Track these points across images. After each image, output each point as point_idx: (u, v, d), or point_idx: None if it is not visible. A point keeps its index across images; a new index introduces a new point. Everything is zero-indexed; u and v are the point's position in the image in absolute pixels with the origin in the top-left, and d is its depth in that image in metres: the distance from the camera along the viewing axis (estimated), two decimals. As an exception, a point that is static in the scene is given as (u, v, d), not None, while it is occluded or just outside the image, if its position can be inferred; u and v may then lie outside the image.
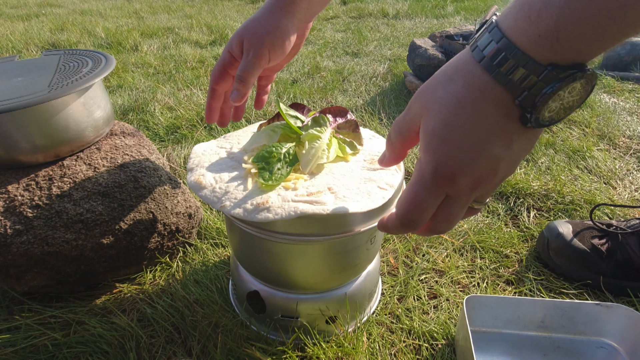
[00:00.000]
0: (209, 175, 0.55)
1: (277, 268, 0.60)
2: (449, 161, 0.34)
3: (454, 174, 0.34)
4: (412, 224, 0.38)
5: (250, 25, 0.56)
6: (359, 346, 0.65)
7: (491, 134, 0.33)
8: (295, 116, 0.62)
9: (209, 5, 3.81)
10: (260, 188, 0.52)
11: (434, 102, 0.35)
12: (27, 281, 0.70)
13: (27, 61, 0.83)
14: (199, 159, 0.60)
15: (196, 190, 0.53)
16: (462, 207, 0.37)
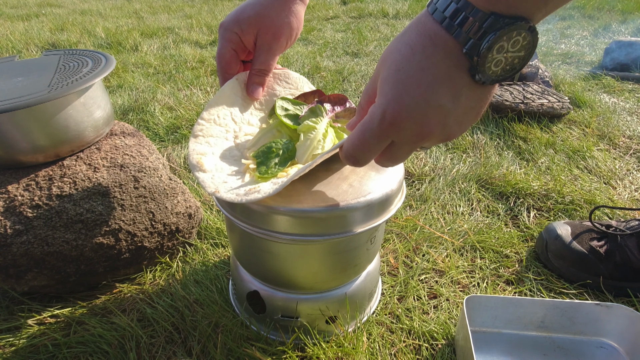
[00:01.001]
0: (211, 160, 0.54)
1: (277, 268, 0.60)
2: (396, 105, 0.34)
3: (401, 120, 0.35)
4: (357, 161, 0.41)
5: (264, 14, 0.54)
6: (359, 346, 0.65)
7: (440, 83, 0.33)
8: (297, 109, 0.61)
9: (209, 5, 3.81)
10: (255, 180, 0.52)
11: (391, 52, 0.36)
12: (27, 281, 0.70)
13: (27, 61, 0.83)
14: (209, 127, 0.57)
15: (194, 169, 0.52)
16: (406, 153, 0.39)
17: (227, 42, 0.56)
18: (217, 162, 0.54)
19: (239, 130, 0.60)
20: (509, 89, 1.51)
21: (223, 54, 0.57)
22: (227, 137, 0.59)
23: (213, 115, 0.59)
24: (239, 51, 0.57)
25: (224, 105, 0.60)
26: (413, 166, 1.17)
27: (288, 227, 0.51)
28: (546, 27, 2.78)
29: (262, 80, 0.56)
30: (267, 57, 0.55)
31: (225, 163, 0.55)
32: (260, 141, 0.60)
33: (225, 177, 0.52)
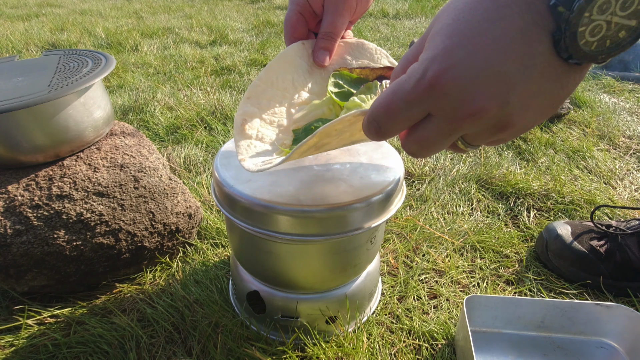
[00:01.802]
0: (256, 125, 0.49)
1: (277, 268, 0.60)
2: (444, 61, 0.26)
3: (445, 81, 0.26)
4: (379, 129, 0.31)
5: None
6: (359, 346, 0.65)
7: (509, 41, 0.25)
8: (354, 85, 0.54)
9: (209, 5, 3.81)
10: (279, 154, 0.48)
11: (450, 3, 0.28)
12: (27, 281, 0.70)
13: (27, 61, 0.83)
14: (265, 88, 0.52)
15: (236, 130, 0.48)
16: (443, 137, 0.29)
17: (295, 4, 0.52)
18: (260, 129, 0.50)
19: (297, 97, 0.54)
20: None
21: (289, 17, 0.53)
22: (282, 102, 0.53)
23: (271, 76, 0.53)
24: (306, 15, 0.53)
25: (286, 67, 0.54)
26: (413, 166, 1.17)
27: (288, 227, 0.51)
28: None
29: (330, 44, 0.51)
30: (335, 18, 0.50)
31: (269, 131, 0.50)
32: (308, 116, 0.53)
33: (261, 147, 0.48)
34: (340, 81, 0.54)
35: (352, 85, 0.53)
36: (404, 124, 0.30)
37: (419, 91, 0.27)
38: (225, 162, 0.58)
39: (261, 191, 0.52)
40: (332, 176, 0.55)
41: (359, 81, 0.54)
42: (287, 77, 0.54)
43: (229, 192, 0.53)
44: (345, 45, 0.57)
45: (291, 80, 0.55)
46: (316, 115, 0.52)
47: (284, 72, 0.54)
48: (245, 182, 0.54)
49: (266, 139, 0.50)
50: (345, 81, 0.54)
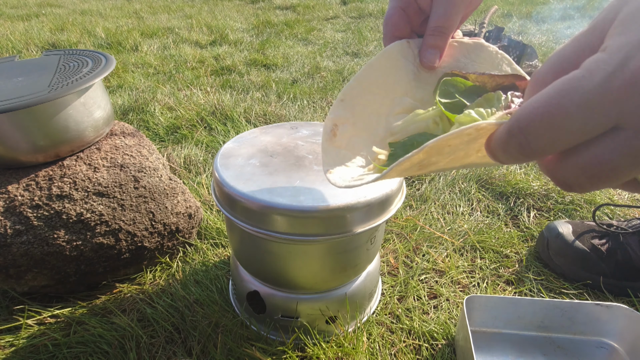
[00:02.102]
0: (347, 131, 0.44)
1: (277, 268, 0.60)
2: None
3: None
4: (525, 146, 0.21)
5: None
6: (359, 346, 0.65)
7: None
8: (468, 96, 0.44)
9: (209, 5, 3.81)
10: (372, 170, 0.42)
11: None
12: (27, 281, 0.70)
13: (27, 61, 0.83)
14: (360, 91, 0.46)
15: (325, 136, 0.43)
16: (630, 163, 0.19)
17: (396, 1, 0.45)
18: (352, 137, 0.44)
19: (398, 103, 0.47)
20: (509, 89, 1.51)
21: (390, 16, 0.45)
22: (380, 108, 0.47)
23: (370, 77, 0.46)
24: (410, 12, 0.45)
25: (387, 68, 0.47)
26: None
27: (288, 228, 0.51)
28: (546, 27, 2.78)
29: (441, 42, 0.43)
30: (447, 9, 0.42)
31: (362, 140, 0.44)
32: (408, 129, 0.45)
33: (351, 158, 0.43)
34: (452, 89, 0.44)
35: (466, 95, 0.44)
36: (569, 139, 0.20)
37: (612, 89, 0.18)
38: (225, 162, 0.58)
39: (261, 191, 0.52)
40: None
41: (475, 90, 0.44)
42: (388, 79, 0.47)
43: (229, 192, 0.53)
44: (458, 45, 0.48)
45: (392, 83, 0.47)
46: (418, 128, 0.44)
47: (385, 74, 0.47)
48: (245, 182, 0.54)
49: (358, 150, 0.44)
50: (457, 90, 0.44)
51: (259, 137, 0.65)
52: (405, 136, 0.44)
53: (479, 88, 0.44)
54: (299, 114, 1.50)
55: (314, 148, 0.61)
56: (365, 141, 0.44)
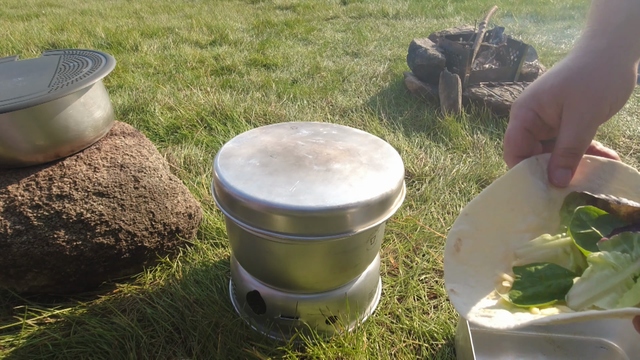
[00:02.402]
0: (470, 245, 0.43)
1: (277, 268, 0.60)
2: None
3: None
4: None
5: (575, 79, 0.40)
6: (359, 346, 0.65)
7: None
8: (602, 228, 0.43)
9: (209, 5, 3.81)
10: (500, 302, 0.40)
11: None
12: (27, 281, 0.70)
13: (27, 61, 0.83)
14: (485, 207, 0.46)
15: (447, 250, 0.43)
16: None
17: (519, 120, 0.43)
18: (474, 252, 0.43)
19: (523, 219, 0.46)
20: (509, 89, 1.51)
21: (512, 135, 0.44)
22: (505, 225, 0.46)
23: (496, 193, 0.46)
24: (535, 131, 0.44)
25: (515, 185, 0.46)
26: (413, 166, 1.17)
27: (288, 228, 0.51)
28: (546, 27, 2.78)
29: (572, 162, 0.42)
30: (579, 130, 0.40)
31: (484, 257, 0.44)
32: (535, 253, 0.44)
33: (473, 278, 0.42)
34: (585, 218, 0.43)
35: (600, 226, 0.42)
36: None
37: None
38: (225, 162, 0.58)
39: (261, 191, 0.52)
40: (332, 176, 0.55)
41: (609, 220, 0.43)
42: (514, 195, 0.46)
43: (229, 192, 0.53)
44: (591, 163, 0.46)
45: (519, 199, 0.46)
46: (546, 256, 0.43)
47: (511, 190, 0.46)
48: (245, 182, 0.54)
49: (480, 266, 0.43)
50: (590, 219, 0.43)
51: (259, 137, 0.65)
52: (530, 261, 0.43)
53: (613, 219, 0.43)
54: (299, 114, 1.50)
55: (314, 148, 0.61)
56: (488, 257, 0.44)
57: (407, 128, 1.41)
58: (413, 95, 1.66)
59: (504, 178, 0.46)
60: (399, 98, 1.66)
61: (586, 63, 0.39)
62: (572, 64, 0.40)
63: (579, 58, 0.40)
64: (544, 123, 0.43)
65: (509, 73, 1.59)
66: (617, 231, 0.40)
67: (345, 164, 0.58)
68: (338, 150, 0.61)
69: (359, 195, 0.51)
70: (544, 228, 0.46)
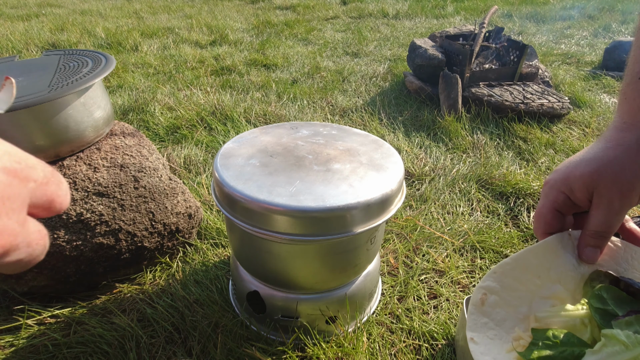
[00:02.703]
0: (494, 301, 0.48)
1: (277, 268, 0.60)
2: None
3: None
4: None
5: (606, 171, 0.43)
6: (359, 346, 0.65)
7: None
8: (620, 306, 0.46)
9: (209, 5, 3.81)
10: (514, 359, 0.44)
11: None
12: (27, 281, 0.70)
13: (27, 61, 0.83)
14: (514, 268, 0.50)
15: (472, 303, 0.46)
16: None
17: (551, 202, 0.47)
18: (497, 308, 0.47)
19: (549, 287, 0.50)
20: (509, 89, 1.51)
21: (543, 214, 0.48)
22: (529, 288, 0.50)
23: (526, 259, 0.51)
24: (565, 210, 0.48)
25: (545, 254, 0.51)
26: (413, 166, 1.17)
27: (288, 228, 0.51)
28: (546, 27, 2.78)
29: (600, 242, 0.46)
30: (609, 217, 0.44)
31: (506, 314, 0.47)
32: (555, 319, 0.48)
33: (493, 332, 0.46)
34: (605, 295, 0.46)
35: (619, 305, 0.46)
36: None
37: None
38: (225, 162, 0.58)
39: (261, 191, 0.52)
40: (332, 176, 0.55)
41: (627, 301, 0.46)
42: (543, 263, 0.50)
43: (229, 192, 0.53)
44: (623, 247, 0.50)
45: (547, 267, 0.50)
46: (565, 324, 0.46)
47: (541, 258, 0.50)
48: (245, 182, 0.54)
49: (501, 322, 0.46)
50: (611, 297, 0.46)
51: (259, 137, 0.65)
52: (549, 326, 0.47)
53: (631, 300, 0.46)
54: (299, 114, 1.50)
55: (314, 148, 0.61)
56: (509, 315, 0.48)
57: (407, 128, 1.41)
58: (413, 95, 1.66)
59: (536, 247, 0.51)
60: (399, 98, 1.66)
61: (616, 156, 0.43)
62: (603, 154, 0.43)
63: (609, 149, 0.43)
64: (574, 204, 0.46)
65: (509, 73, 1.59)
66: (632, 312, 0.44)
67: (345, 164, 0.58)
68: (338, 151, 0.61)
69: (359, 196, 0.51)
70: (568, 299, 0.50)
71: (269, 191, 0.52)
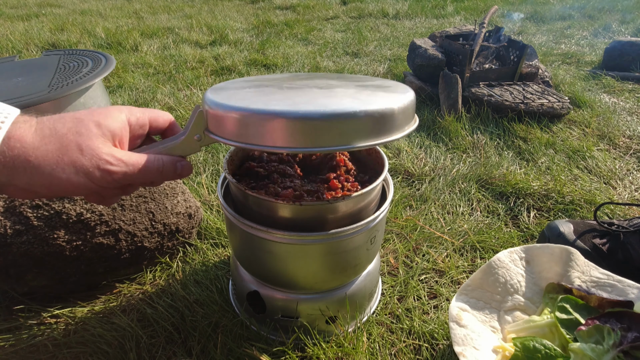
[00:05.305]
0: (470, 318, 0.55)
1: (277, 268, 0.60)
2: None
3: None
4: None
5: None
6: (359, 346, 0.65)
7: None
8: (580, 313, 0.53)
9: (209, 5, 3.81)
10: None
11: None
12: (27, 281, 0.70)
13: (27, 61, 0.83)
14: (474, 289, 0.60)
15: (451, 319, 0.54)
16: None
17: None
18: (474, 323, 0.54)
19: (510, 300, 0.59)
20: (509, 89, 1.51)
21: None
22: (491, 303, 0.59)
23: (482, 278, 0.60)
24: None
25: (498, 272, 0.61)
26: (413, 166, 1.17)
27: (285, 139, 0.43)
28: (546, 27, 2.78)
29: None
30: None
31: (482, 328, 0.54)
32: (527, 331, 0.55)
33: (479, 344, 0.51)
34: (567, 306, 0.53)
35: (580, 312, 0.53)
36: None
37: None
38: (216, 92, 0.50)
39: (257, 103, 0.45)
40: (335, 93, 0.48)
41: (585, 308, 0.53)
42: (498, 280, 0.59)
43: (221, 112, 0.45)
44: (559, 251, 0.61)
45: (503, 283, 0.59)
46: (536, 334, 0.53)
47: (496, 276, 0.60)
48: (239, 100, 0.46)
49: (479, 332, 0.53)
50: (572, 306, 0.53)
51: (249, 80, 0.57)
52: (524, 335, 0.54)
53: (588, 306, 0.53)
54: (299, 114, 1.50)
55: (314, 82, 0.54)
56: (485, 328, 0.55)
57: (407, 128, 1.41)
58: (413, 95, 1.66)
59: (487, 266, 0.61)
60: (399, 98, 1.66)
61: None
62: None
63: None
64: None
65: (509, 73, 1.59)
66: (590, 320, 0.50)
67: (349, 88, 0.51)
68: (342, 81, 0.55)
69: (364, 105, 0.44)
70: (530, 308, 0.58)
71: (265, 103, 0.45)
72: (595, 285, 0.58)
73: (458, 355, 0.48)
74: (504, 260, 0.61)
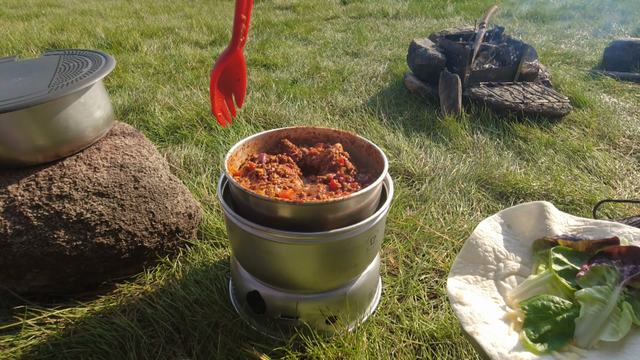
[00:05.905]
0: (470, 295, 0.52)
1: (277, 268, 0.60)
2: None
3: None
4: None
5: None
6: (359, 346, 0.65)
7: None
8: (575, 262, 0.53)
9: (209, 5, 3.81)
10: (523, 343, 0.46)
11: None
12: (27, 281, 0.70)
13: (27, 61, 0.83)
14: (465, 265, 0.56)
15: (452, 300, 0.51)
16: None
17: None
18: (476, 299, 0.52)
19: (503, 267, 0.57)
20: (509, 89, 1.51)
21: None
22: (488, 274, 0.57)
23: (471, 252, 0.58)
24: None
25: (484, 242, 0.59)
26: (413, 166, 1.17)
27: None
28: (546, 27, 2.78)
29: None
30: None
31: (485, 301, 0.52)
32: (529, 292, 0.53)
33: (487, 318, 0.49)
34: (560, 256, 0.53)
35: (574, 260, 0.53)
36: None
37: None
38: None
39: None
40: None
41: (577, 254, 0.54)
42: (487, 250, 0.58)
43: None
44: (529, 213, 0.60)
45: (491, 252, 0.58)
46: (539, 292, 0.52)
47: (483, 248, 0.58)
48: None
49: (482, 307, 0.51)
50: (565, 255, 0.53)
51: None
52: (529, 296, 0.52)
53: (582, 254, 0.53)
54: (298, 114, 1.50)
55: None
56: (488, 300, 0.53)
57: (407, 128, 1.41)
58: (413, 95, 1.66)
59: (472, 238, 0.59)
60: (399, 98, 1.66)
61: None
62: None
63: None
64: None
65: (509, 73, 1.59)
66: (586, 265, 0.50)
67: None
68: None
69: None
70: (525, 269, 0.57)
71: None
72: (575, 232, 0.59)
73: (471, 334, 0.46)
74: (486, 230, 0.60)
